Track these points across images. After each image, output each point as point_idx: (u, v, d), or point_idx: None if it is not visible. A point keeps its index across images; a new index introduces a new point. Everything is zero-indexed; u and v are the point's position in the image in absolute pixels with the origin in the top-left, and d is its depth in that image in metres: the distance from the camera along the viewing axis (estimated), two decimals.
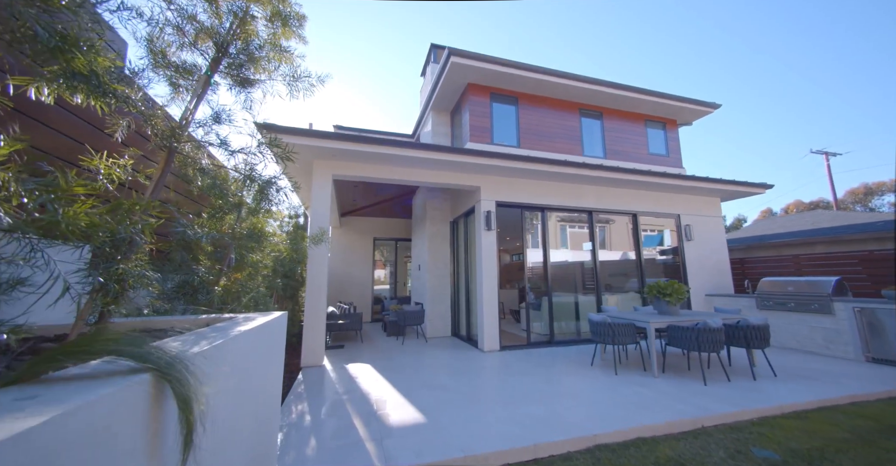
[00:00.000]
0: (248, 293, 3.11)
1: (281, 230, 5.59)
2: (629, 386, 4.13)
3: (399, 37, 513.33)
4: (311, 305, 5.41)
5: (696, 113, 9.46)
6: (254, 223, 3.05)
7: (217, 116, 2.07)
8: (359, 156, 5.68)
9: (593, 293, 7.37)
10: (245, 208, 3.00)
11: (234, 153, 2.32)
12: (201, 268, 2.58)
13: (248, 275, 3.12)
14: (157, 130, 1.76)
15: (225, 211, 2.85)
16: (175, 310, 2.60)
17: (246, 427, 1.61)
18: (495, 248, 6.61)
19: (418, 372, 4.89)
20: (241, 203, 2.91)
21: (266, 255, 3.95)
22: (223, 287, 2.70)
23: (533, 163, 6.37)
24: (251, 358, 1.73)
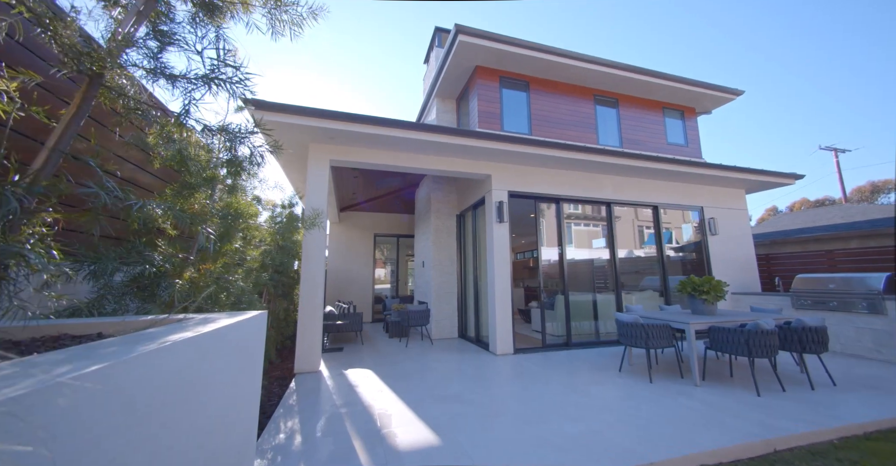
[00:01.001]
0: (226, 288, 2.56)
1: (274, 223, 5.05)
2: (671, 397, 3.58)
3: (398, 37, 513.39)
4: (306, 303, 4.86)
5: (717, 100, 8.92)
6: (230, 203, 2.49)
7: (164, 36, 1.52)
8: (359, 139, 5.13)
9: (610, 291, 6.82)
10: (220, 185, 2.45)
11: (213, 133, 1.78)
12: (157, 255, 2.02)
13: (224, 266, 2.56)
14: (64, 46, 1.21)
15: (194, 187, 2.30)
16: (125, 309, 2.05)
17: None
18: (508, 241, 6.06)
19: (426, 379, 4.34)
20: (215, 178, 2.36)
21: (249, 244, 3.40)
22: (189, 280, 2.15)
23: (548, 148, 5.82)
24: (203, 373, 1.18)
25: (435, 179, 7.93)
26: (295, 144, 5.21)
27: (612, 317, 6.71)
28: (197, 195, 2.30)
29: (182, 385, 1.05)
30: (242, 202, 2.60)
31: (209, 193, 2.34)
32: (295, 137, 5.01)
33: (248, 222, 2.36)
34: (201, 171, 2.23)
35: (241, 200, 2.58)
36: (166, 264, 2.04)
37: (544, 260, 6.63)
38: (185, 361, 1.07)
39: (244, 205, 2.52)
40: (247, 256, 3.43)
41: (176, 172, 2.32)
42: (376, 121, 4.86)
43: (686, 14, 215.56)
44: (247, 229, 2.65)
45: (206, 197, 2.33)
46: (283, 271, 5.02)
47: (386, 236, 11.43)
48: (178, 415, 1.02)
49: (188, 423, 1.09)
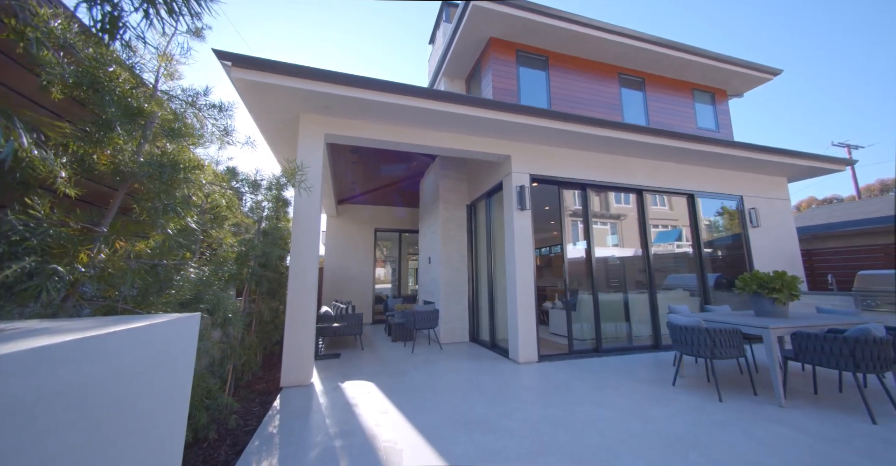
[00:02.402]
0: (167, 279, 1.76)
1: (261, 211, 4.25)
2: (759, 423, 2.80)
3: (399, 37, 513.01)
4: (295, 302, 4.07)
5: (751, 80, 8.14)
6: (168, 152, 1.69)
7: None
8: (360, 109, 4.34)
9: (639, 290, 6.03)
10: (157, 124, 1.65)
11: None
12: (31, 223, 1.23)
13: (165, 249, 1.76)
14: None
15: (108, 126, 1.50)
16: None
17: None
18: (531, 232, 5.27)
19: (440, 396, 3.55)
20: (142, 112, 1.56)
21: (219, 225, 2.60)
22: (91, 264, 1.35)
23: (577, 123, 5.03)
24: None
25: (443, 165, 7.14)
26: (283, 114, 4.41)
27: (644, 320, 5.93)
28: (115, 139, 1.50)
29: None
30: (191, 155, 1.80)
31: (135, 137, 1.54)
32: (283, 104, 4.22)
33: (189, 176, 1.57)
34: (120, 100, 1.44)
35: (185, 148, 1.78)
36: (45, 236, 1.24)
37: (569, 256, 5.84)
38: None
39: (191, 160, 1.71)
40: (221, 243, 2.64)
41: (87, 106, 1.53)
42: (381, 85, 4.06)
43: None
44: (193, 189, 1.83)
45: (130, 142, 1.54)
46: (269, 265, 4.23)
47: (387, 231, 10.64)
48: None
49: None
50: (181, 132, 1.64)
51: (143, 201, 1.54)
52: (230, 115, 1.84)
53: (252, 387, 4.10)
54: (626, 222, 6.33)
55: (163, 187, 1.53)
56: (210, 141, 1.90)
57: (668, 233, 6.95)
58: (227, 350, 3.60)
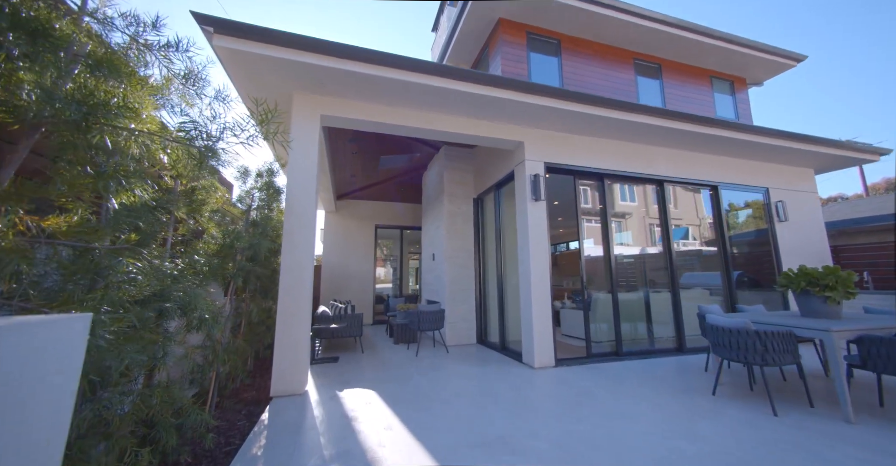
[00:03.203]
0: (95, 266, 1.32)
1: (251, 200, 3.82)
2: (831, 445, 2.37)
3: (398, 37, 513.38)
4: (287, 301, 3.64)
5: (772, 67, 7.70)
6: (96, 88, 1.25)
7: None
8: (359, 86, 3.91)
9: (658, 289, 5.60)
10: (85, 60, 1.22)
11: None
12: None
13: (94, 228, 1.31)
14: None
15: None
16: None
17: None
18: (546, 224, 4.84)
19: (452, 408, 3.12)
20: (51, 33, 1.12)
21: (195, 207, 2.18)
22: None
23: (596, 106, 4.61)
24: None
25: (448, 156, 6.71)
26: (275, 92, 3.98)
27: (665, 321, 5.50)
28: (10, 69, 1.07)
29: None
30: (133, 96, 1.34)
31: (46, 67, 1.11)
32: (274, 81, 3.79)
33: (123, 116, 1.13)
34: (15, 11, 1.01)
35: (134, 85, 1.32)
36: None
37: (586, 252, 5.41)
38: None
39: (128, 105, 1.25)
40: (204, 232, 2.21)
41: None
42: (382, 58, 3.63)
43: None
44: (127, 142, 1.36)
45: (35, 74, 1.10)
46: (260, 260, 3.80)
47: (388, 228, 10.20)
48: None
49: None
50: (110, 63, 1.19)
51: (62, 160, 1.11)
52: (189, 57, 1.41)
53: (239, 396, 3.68)
54: (631, 221, 5.89)
55: (81, 138, 1.10)
56: (166, 91, 1.46)
57: (675, 231, 6.54)
58: (209, 356, 3.17)
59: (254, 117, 1.65)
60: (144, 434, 2.03)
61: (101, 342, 1.07)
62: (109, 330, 1.13)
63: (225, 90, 1.64)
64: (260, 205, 3.96)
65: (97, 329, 1.06)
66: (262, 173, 3.85)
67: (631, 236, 5.90)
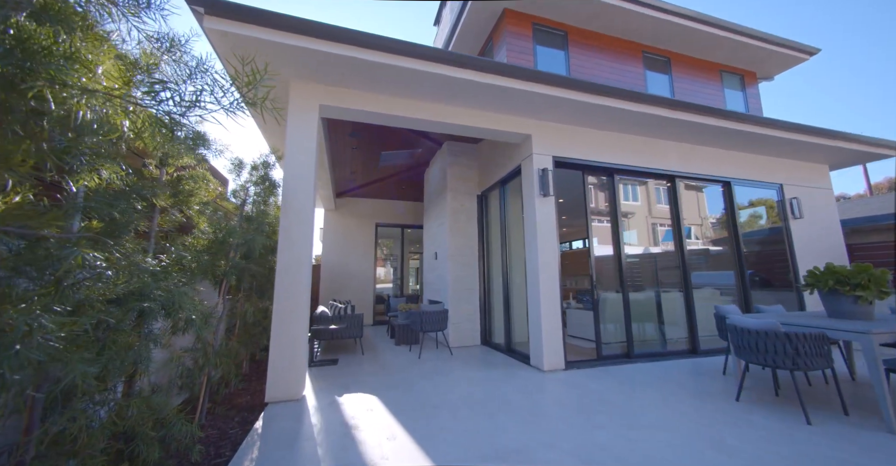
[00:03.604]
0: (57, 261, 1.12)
1: (245, 194, 3.61)
2: (880, 460, 2.16)
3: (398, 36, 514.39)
4: (284, 301, 3.44)
5: (784, 61, 7.50)
6: (39, 31, 1.03)
7: None
8: (359, 73, 3.70)
9: (666, 289, 5.40)
10: None
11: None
12: None
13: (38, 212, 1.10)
14: None
15: None
16: None
17: None
18: (555, 221, 4.64)
19: (460, 414, 2.91)
20: None
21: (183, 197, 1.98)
22: None
23: (607, 97, 4.41)
24: None
25: (452, 151, 6.51)
26: (272, 80, 3.76)
27: (676, 322, 5.30)
28: None
29: None
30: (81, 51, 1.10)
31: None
32: (270, 67, 3.57)
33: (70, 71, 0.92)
34: None
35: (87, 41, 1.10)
36: None
37: (595, 250, 5.21)
38: None
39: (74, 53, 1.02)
40: (193, 226, 2.01)
41: None
42: (389, 46, 3.42)
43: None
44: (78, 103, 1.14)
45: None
46: (255, 258, 3.59)
47: (389, 226, 10.00)
48: None
49: None
50: (58, 11, 0.96)
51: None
52: (163, 15, 1.20)
53: (233, 401, 3.47)
54: (634, 221, 5.67)
55: (16, 97, 0.88)
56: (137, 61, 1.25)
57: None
58: (199, 360, 2.97)
59: (236, 82, 1.44)
60: (121, 448, 1.82)
61: (36, 354, 0.85)
62: (58, 337, 0.93)
63: (209, 59, 1.43)
64: (255, 200, 3.75)
65: (34, 335, 0.85)
66: (257, 166, 3.64)
67: (635, 236, 5.69)
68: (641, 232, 5.72)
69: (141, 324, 2.02)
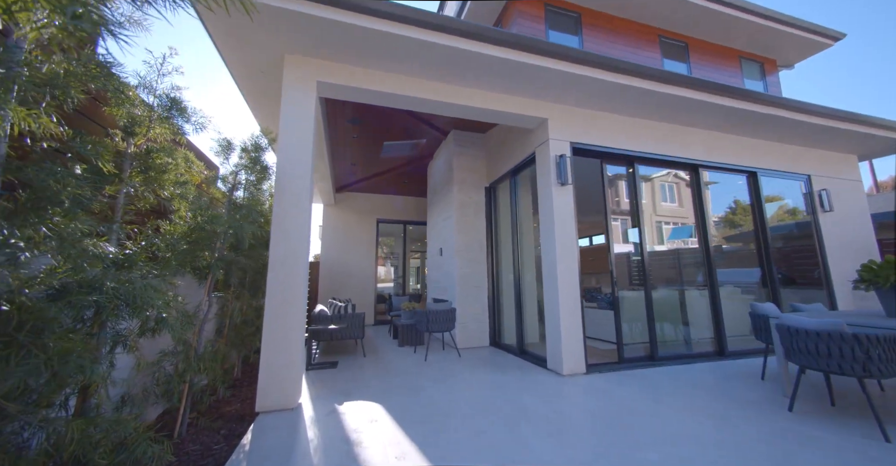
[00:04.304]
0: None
1: (234, 179, 3.25)
2: None
3: None
4: (277, 298, 3.07)
5: (806, 46, 7.14)
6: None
7: None
8: (366, 45, 3.33)
9: (681, 287, 5.04)
10: None
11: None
12: None
13: None
14: None
15: None
16: None
17: None
18: (574, 211, 4.27)
19: (476, 426, 2.55)
20: None
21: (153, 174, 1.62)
22: None
23: (633, 76, 4.04)
24: None
25: (458, 141, 6.14)
26: (264, 54, 3.40)
27: (702, 322, 4.93)
28: None
29: None
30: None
31: None
32: (263, 38, 3.21)
33: None
34: None
35: None
36: None
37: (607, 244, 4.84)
38: None
39: None
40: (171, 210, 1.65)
41: None
42: (397, 13, 3.06)
43: None
44: None
45: None
46: (244, 249, 3.22)
47: (390, 223, 9.63)
48: None
49: None
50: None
51: None
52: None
53: (221, 410, 3.10)
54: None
55: None
56: None
57: (681, 230, 6.00)
58: (179, 365, 2.60)
59: None
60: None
61: None
62: None
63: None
64: (247, 185, 3.38)
65: None
66: (247, 148, 3.27)
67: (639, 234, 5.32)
68: (647, 231, 5.35)
69: (97, 324, 1.66)
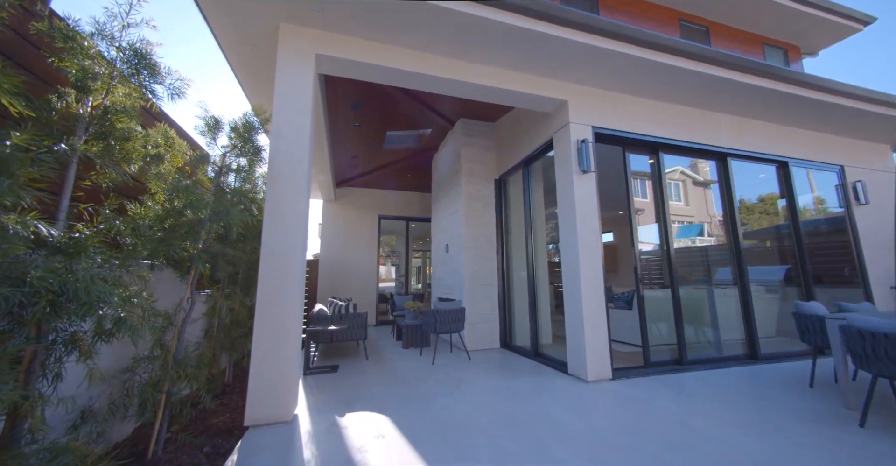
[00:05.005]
0: None
1: (222, 162, 2.89)
2: None
3: None
4: (270, 296, 2.71)
5: (833, 31, 6.77)
6: None
7: None
8: (368, 12, 2.97)
9: (700, 285, 4.67)
10: None
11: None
12: None
13: None
14: None
15: None
16: None
17: None
18: (597, 202, 3.91)
19: (501, 445, 2.18)
20: None
21: None
22: None
23: (672, 54, 3.68)
24: None
25: (466, 130, 5.77)
26: (256, 23, 3.04)
27: (731, 325, 4.56)
28: None
29: None
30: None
31: None
32: (255, 6, 2.84)
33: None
34: None
35: None
36: None
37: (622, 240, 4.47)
38: None
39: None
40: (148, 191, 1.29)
41: None
42: None
43: None
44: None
45: None
46: (233, 240, 2.86)
47: (393, 219, 9.26)
48: None
49: None
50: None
51: None
52: None
53: (206, 422, 2.73)
54: (644, 217, 4.88)
55: None
56: None
57: (689, 228, 5.63)
58: (157, 373, 2.24)
59: None
60: None
61: None
62: None
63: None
64: (239, 170, 3.02)
65: None
66: (237, 127, 2.91)
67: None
68: (651, 229, 4.98)
69: (34, 326, 1.29)
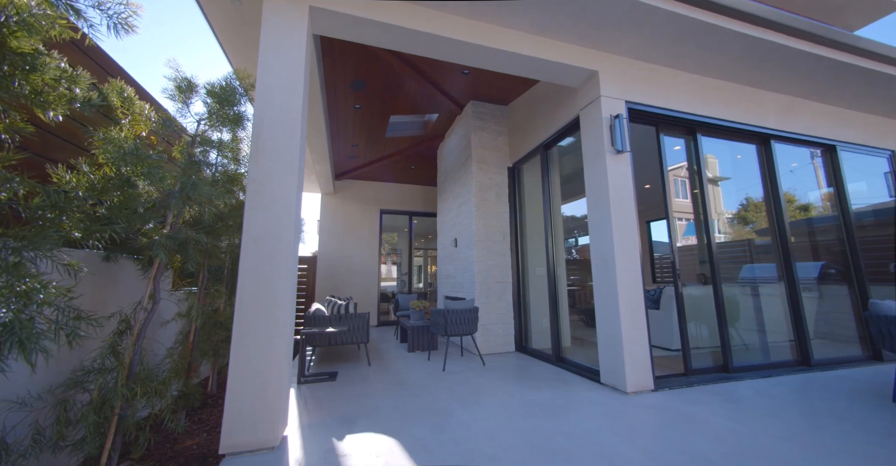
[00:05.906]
0: None
1: (196, 130, 2.41)
2: None
3: None
4: (250, 287, 2.21)
5: (879, 7, 6.24)
6: None
7: None
8: None
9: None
10: None
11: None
12: None
13: None
14: None
15: None
16: None
17: None
18: (633, 187, 3.41)
19: None
20: None
21: None
22: None
23: (720, 14, 3.18)
24: None
25: (477, 114, 5.28)
26: None
27: (778, 327, 4.07)
28: None
29: None
30: None
31: None
32: None
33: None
34: None
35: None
36: None
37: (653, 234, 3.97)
38: None
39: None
40: None
41: None
42: None
43: None
44: None
45: None
46: (207, 225, 2.37)
47: (395, 213, 8.76)
48: None
49: None
50: None
51: None
52: None
53: (177, 446, 2.25)
54: (657, 211, 4.38)
55: None
56: None
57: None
58: (107, 391, 1.76)
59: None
60: None
61: None
62: None
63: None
64: (221, 144, 2.53)
65: None
66: (214, 91, 2.42)
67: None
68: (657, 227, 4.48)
69: None
